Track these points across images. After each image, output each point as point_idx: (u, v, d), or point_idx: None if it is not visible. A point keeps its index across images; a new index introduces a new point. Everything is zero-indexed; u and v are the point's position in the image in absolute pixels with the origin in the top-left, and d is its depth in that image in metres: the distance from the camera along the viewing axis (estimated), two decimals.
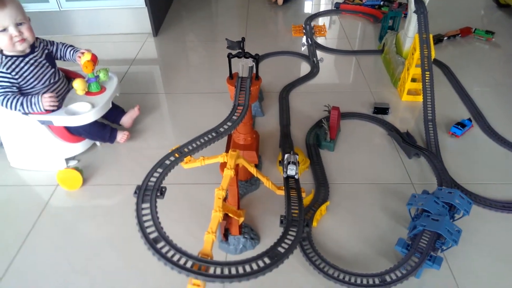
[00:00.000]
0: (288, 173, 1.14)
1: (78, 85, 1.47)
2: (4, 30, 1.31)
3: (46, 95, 1.37)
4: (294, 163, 1.15)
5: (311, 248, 1.18)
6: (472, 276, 1.12)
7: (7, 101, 1.35)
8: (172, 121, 1.80)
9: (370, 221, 1.29)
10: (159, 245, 0.83)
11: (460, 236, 1.08)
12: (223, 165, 1.04)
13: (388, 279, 1.06)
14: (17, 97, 1.36)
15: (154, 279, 1.14)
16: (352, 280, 1.08)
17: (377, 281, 1.06)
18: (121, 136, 1.59)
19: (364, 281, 1.07)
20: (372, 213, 1.32)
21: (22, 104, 1.36)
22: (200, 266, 0.80)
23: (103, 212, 1.36)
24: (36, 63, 1.41)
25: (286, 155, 1.17)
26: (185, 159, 1.04)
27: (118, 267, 1.18)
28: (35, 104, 1.36)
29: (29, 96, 1.37)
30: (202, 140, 1.07)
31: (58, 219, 1.33)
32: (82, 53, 1.51)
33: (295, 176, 1.14)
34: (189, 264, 0.80)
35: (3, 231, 1.29)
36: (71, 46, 1.55)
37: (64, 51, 1.54)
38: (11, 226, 1.31)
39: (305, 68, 2.18)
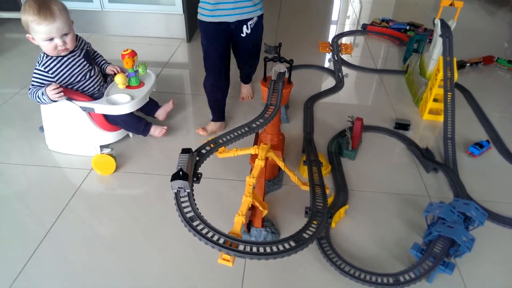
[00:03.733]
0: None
1: (119, 79, 1.58)
2: (51, 39, 1.40)
3: (49, 87, 1.43)
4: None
5: (328, 246, 1.24)
6: (482, 285, 1.16)
7: (31, 93, 1.46)
8: (200, 121, 1.88)
9: (386, 226, 1.35)
10: (194, 223, 0.91)
11: (473, 243, 1.12)
12: (254, 157, 1.12)
13: (401, 279, 1.11)
14: (38, 89, 1.45)
15: (176, 259, 1.21)
16: (367, 278, 1.13)
17: (391, 280, 1.11)
18: (159, 130, 1.68)
19: (379, 280, 1.12)
20: (389, 220, 1.37)
21: (38, 96, 1.45)
22: (231, 243, 0.87)
23: (132, 197, 1.44)
24: (74, 62, 1.51)
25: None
26: (219, 149, 1.12)
27: (144, 246, 1.25)
28: (43, 94, 1.43)
29: (40, 89, 1.45)
30: (235, 134, 1.15)
31: (90, 200, 1.42)
32: (114, 70, 1.64)
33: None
34: (221, 241, 0.87)
35: (40, 207, 1.38)
36: (104, 59, 1.68)
37: (98, 60, 1.66)
38: (47, 203, 1.40)
39: (330, 82, 2.27)
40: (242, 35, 1.61)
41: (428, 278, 1.14)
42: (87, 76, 1.56)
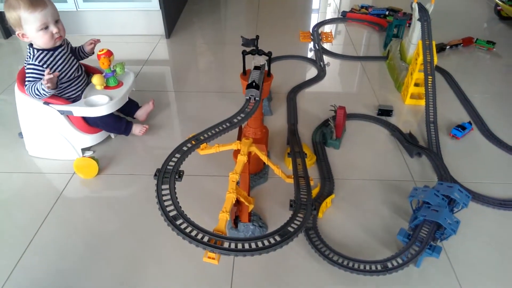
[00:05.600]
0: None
1: (96, 80, 1.55)
2: (46, 28, 1.39)
3: (46, 75, 1.37)
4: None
5: (316, 236, 1.24)
6: (469, 266, 1.18)
7: (29, 88, 1.41)
8: (183, 117, 1.87)
9: (373, 214, 1.35)
10: (178, 222, 0.89)
11: (458, 226, 1.14)
12: (236, 152, 1.11)
13: (389, 265, 1.12)
14: (36, 83, 1.41)
15: (166, 258, 1.20)
16: (356, 266, 1.13)
17: (379, 267, 1.12)
18: (139, 129, 1.66)
19: (367, 267, 1.12)
20: (375, 207, 1.38)
21: (37, 89, 1.40)
22: (215, 240, 0.86)
23: (117, 199, 1.42)
24: (64, 57, 1.49)
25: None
26: (201, 146, 1.10)
27: (133, 247, 1.24)
28: (41, 85, 1.38)
29: (38, 82, 1.41)
30: (217, 129, 1.14)
31: (73, 205, 1.40)
32: (92, 42, 1.61)
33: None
34: (205, 239, 0.86)
35: (22, 215, 1.35)
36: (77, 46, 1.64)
37: (75, 49, 1.62)
38: (30, 210, 1.37)
39: (312, 72, 2.26)
40: None
41: (416, 262, 1.16)
42: (75, 74, 1.53)
